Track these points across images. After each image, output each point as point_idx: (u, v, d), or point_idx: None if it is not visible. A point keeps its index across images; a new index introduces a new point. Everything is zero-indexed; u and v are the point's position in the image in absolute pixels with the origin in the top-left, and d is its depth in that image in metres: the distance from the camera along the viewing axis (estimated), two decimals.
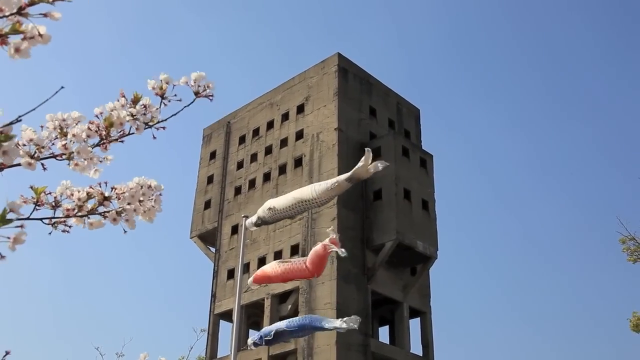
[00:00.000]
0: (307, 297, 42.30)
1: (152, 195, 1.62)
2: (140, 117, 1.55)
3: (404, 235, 43.23)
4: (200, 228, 51.56)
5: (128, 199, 1.58)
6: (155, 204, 1.62)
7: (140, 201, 1.59)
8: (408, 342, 44.04)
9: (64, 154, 1.58)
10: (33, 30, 1.44)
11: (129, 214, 1.58)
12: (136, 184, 1.59)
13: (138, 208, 1.59)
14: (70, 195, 1.57)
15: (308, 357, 40.37)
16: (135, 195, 1.58)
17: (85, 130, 1.50)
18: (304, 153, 47.45)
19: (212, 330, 46.99)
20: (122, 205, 1.59)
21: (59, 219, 1.56)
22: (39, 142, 1.51)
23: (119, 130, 1.56)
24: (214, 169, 53.19)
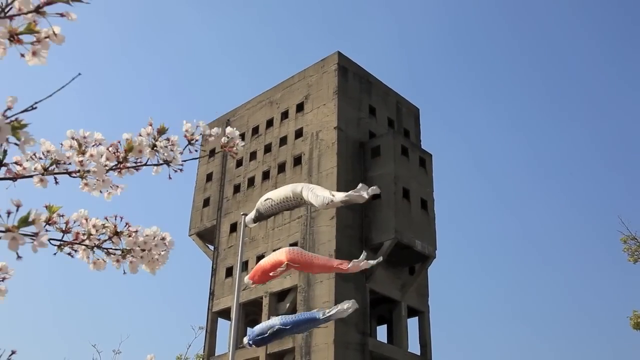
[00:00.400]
0: (306, 296, 42.32)
1: (163, 248, 1.62)
2: (163, 152, 1.56)
3: (403, 235, 43.26)
4: (199, 226, 51.56)
5: (140, 244, 1.58)
6: (161, 258, 1.62)
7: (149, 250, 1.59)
8: (406, 341, 44.08)
9: (78, 171, 1.59)
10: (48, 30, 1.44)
11: (136, 258, 1.58)
12: (152, 233, 1.59)
13: (146, 256, 1.59)
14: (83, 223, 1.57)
15: (306, 356, 40.40)
16: (148, 243, 1.59)
17: (105, 153, 1.51)
18: (303, 151, 47.45)
19: (210, 328, 47.01)
20: (131, 247, 1.59)
21: (67, 242, 1.57)
22: (59, 157, 1.52)
23: (137, 158, 1.57)
24: (213, 166, 53.19)
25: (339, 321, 40.44)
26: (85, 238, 1.57)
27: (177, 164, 1.62)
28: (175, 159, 1.61)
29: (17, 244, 1.46)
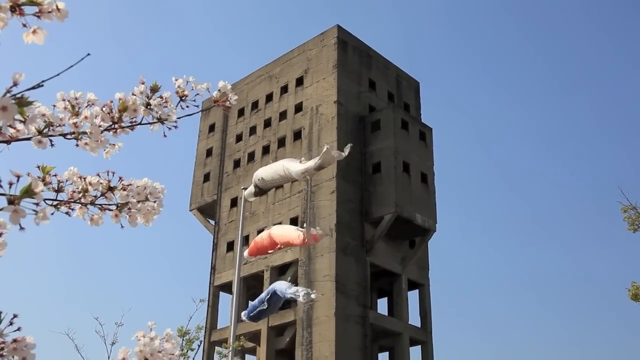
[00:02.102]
0: (306, 270, 42.56)
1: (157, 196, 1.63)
2: (157, 110, 1.56)
3: (403, 208, 43.36)
4: (199, 201, 51.66)
5: (134, 195, 1.59)
6: (156, 207, 1.63)
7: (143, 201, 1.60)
8: (406, 314, 44.42)
9: (73, 133, 1.60)
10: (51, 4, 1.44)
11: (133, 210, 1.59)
12: (144, 184, 1.60)
13: (142, 207, 1.60)
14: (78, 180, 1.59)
15: (307, 329, 40.74)
16: (141, 193, 1.60)
17: (100, 114, 1.52)
18: (303, 126, 47.36)
19: (212, 302, 47.34)
20: (126, 200, 1.60)
21: (63, 201, 1.58)
22: (53, 120, 1.53)
23: (132, 117, 1.58)
24: (213, 141, 53.13)
25: (339, 294, 40.75)
26: (80, 196, 1.58)
27: (172, 121, 1.63)
28: (169, 117, 1.62)
29: (19, 217, 1.47)
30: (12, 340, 1.45)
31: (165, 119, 1.62)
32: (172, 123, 1.63)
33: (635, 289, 12.46)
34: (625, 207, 12.70)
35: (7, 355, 1.45)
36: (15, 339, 1.45)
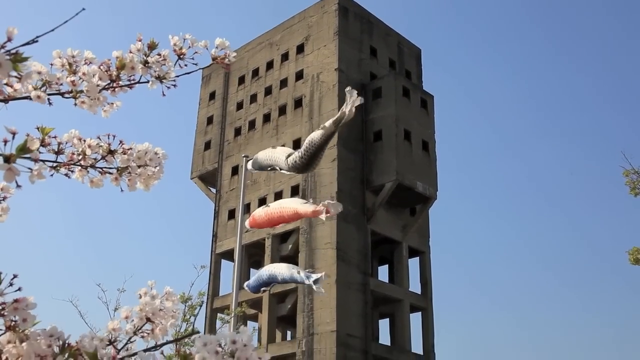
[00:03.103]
0: (308, 237, 42.74)
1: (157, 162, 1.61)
2: (155, 68, 1.54)
3: (404, 176, 43.37)
4: (200, 169, 51.67)
5: (135, 160, 1.57)
6: (156, 173, 1.61)
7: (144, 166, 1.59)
8: (407, 281, 44.73)
9: (71, 91, 1.58)
10: None
11: (133, 175, 1.58)
12: (145, 148, 1.58)
13: (143, 172, 1.59)
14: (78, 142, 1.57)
15: (308, 296, 41.06)
16: (142, 158, 1.58)
17: (97, 72, 1.49)
18: (304, 94, 47.13)
19: (213, 270, 47.65)
20: (127, 164, 1.58)
21: (63, 163, 1.57)
22: (50, 78, 1.50)
23: (130, 75, 1.55)
24: (214, 109, 52.93)
25: (340, 261, 41.00)
26: (80, 158, 1.57)
27: (171, 79, 1.60)
28: (168, 74, 1.59)
29: (14, 175, 1.46)
30: (12, 301, 1.45)
31: (163, 77, 1.59)
32: (170, 81, 1.61)
33: (636, 254, 12.49)
34: (627, 171, 12.64)
35: (8, 315, 1.45)
36: (16, 299, 1.45)
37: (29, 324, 1.43)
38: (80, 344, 1.35)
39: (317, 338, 39.89)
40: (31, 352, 1.38)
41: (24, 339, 1.42)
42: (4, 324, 1.44)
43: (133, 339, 1.57)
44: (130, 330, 1.57)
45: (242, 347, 1.09)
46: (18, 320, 1.43)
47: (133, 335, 1.58)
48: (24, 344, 1.41)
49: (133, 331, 1.57)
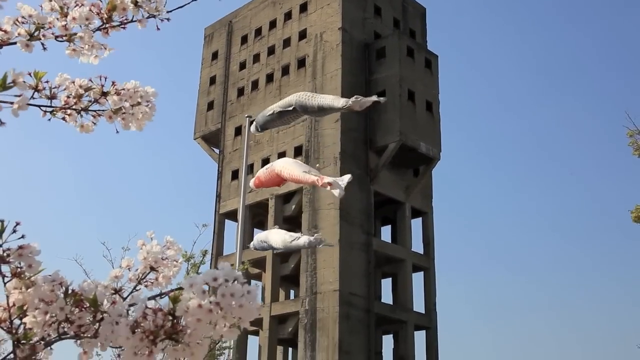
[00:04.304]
0: (311, 198, 42.87)
1: (149, 100, 1.60)
2: (144, 6, 1.52)
3: (407, 137, 43.27)
4: (203, 129, 51.58)
5: (126, 98, 1.56)
6: (149, 110, 1.61)
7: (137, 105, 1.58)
8: (410, 241, 45.00)
9: (64, 35, 1.56)
10: None
11: (127, 113, 1.57)
12: (133, 86, 1.57)
13: (136, 111, 1.58)
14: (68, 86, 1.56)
15: (311, 255, 41.35)
16: (133, 96, 1.57)
17: (87, 13, 1.47)
18: (307, 54, 46.74)
19: (217, 230, 47.93)
20: (120, 105, 1.57)
21: (58, 107, 1.56)
22: (41, 20, 1.49)
23: (122, 16, 1.54)
24: (216, 69, 52.58)
25: (344, 222, 41.20)
26: (74, 102, 1.56)
27: (163, 15, 1.58)
28: (158, 9, 1.58)
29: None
30: (17, 247, 1.47)
31: (154, 15, 1.57)
32: (164, 16, 1.59)
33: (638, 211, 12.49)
34: (631, 132, 12.55)
35: (13, 261, 1.47)
36: (21, 245, 1.47)
37: (34, 270, 1.45)
38: (82, 289, 1.38)
39: (320, 297, 40.32)
40: (36, 297, 1.41)
41: (30, 286, 1.45)
42: (10, 271, 1.47)
43: (138, 287, 1.59)
44: (134, 278, 1.60)
45: (223, 283, 1.10)
46: (23, 266, 1.45)
47: (137, 284, 1.61)
48: (30, 289, 1.44)
49: (137, 279, 1.60)
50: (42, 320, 1.37)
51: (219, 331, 1.10)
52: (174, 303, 1.16)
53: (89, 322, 1.32)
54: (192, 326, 1.10)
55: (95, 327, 1.33)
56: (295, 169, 15.11)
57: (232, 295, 1.08)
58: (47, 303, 1.36)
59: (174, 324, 1.14)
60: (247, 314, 1.08)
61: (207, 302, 1.07)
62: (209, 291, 1.10)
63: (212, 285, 1.10)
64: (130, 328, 1.20)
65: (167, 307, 1.17)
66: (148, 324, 1.17)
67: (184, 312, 1.12)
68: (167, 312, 1.16)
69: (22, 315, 1.44)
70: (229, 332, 1.09)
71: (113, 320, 1.26)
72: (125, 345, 1.20)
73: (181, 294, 1.13)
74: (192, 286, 1.11)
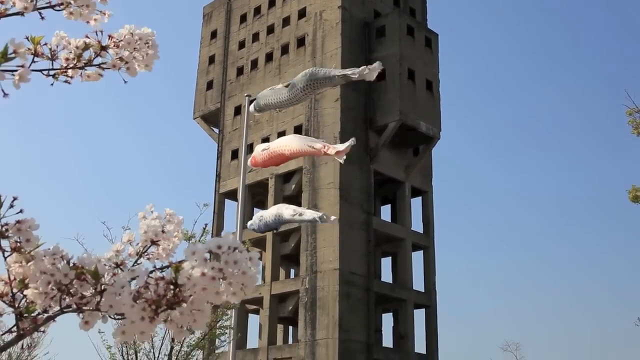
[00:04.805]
0: (311, 177, 42.89)
1: (148, 42, 1.58)
2: None
3: (407, 116, 43.19)
4: (203, 109, 51.45)
5: (125, 47, 1.55)
6: (151, 50, 1.59)
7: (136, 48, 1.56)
8: (409, 220, 45.11)
9: (61, 3, 1.55)
10: None
11: (129, 61, 1.55)
12: (128, 32, 1.55)
13: (137, 56, 1.56)
14: (67, 45, 1.55)
15: (311, 235, 41.49)
16: (131, 43, 1.56)
17: None
18: (306, 32, 46.48)
19: (217, 209, 48.01)
20: (120, 55, 1.56)
21: (59, 70, 1.55)
22: None
23: None
24: (215, 48, 52.32)
25: (343, 201, 41.26)
26: (75, 61, 1.55)
27: None
28: None
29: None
30: (15, 222, 1.47)
31: None
32: None
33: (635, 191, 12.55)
34: (630, 110, 12.55)
35: (12, 236, 1.47)
36: (19, 220, 1.47)
37: (32, 245, 1.45)
38: (81, 261, 1.38)
39: (320, 276, 40.51)
40: (37, 271, 1.41)
41: (29, 260, 1.45)
42: (9, 246, 1.47)
43: (140, 261, 1.59)
44: (134, 253, 1.60)
45: (227, 251, 1.10)
46: (22, 241, 1.45)
47: (139, 257, 1.61)
48: (30, 263, 1.44)
49: (138, 253, 1.60)
50: (44, 291, 1.37)
51: (221, 297, 1.10)
52: (176, 272, 1.16)
53: (90, 295, 1.32)
54: (195, 294, 1.11)
55: (96, 300, 1.33)
56: (297, 143, 15.09)
57: (235, 263, 1.08)
58: (48, 274, 1.36)
59: (175, 293, 1.14)
60: (250, 280, 1.08)
61: (210, 270, 1.07)
62: (210, 259, 1.10)
63: (216, 252, 1.10)
64: (133, 298, 1.20)
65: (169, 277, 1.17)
66: (150, 294, 1.17)
67: (186, 281, 1.12)
68: (169, 281, 1.16)
69: (23, 288, 1.44)
70: (232, 296, 1.09)
71: (116, 291, 1.26)
72: (129, 313, 1.20)
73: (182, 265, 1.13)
74: (194, 254, 1.11)
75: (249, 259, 1.10)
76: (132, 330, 1.19)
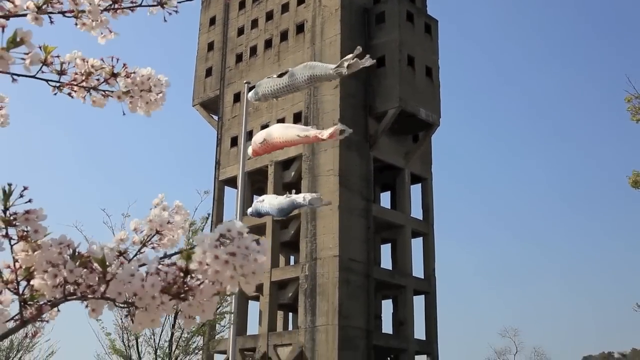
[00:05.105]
0: (310, 164, 42.90)
1: (160, 89, 1.60)
2: None
3: (407, 103, 43.12)
4: (202, 96, 51.34)
5: (138, 84, 1.57)
6: (159, 99, 1.61)
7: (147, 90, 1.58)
8: (409, 207, 45.16)
9: (72, 10, 1.56)
10: None
11: (135, 97, 1.58)
12: (148, 73, 1.57)
13: (145, 95, 1.58)
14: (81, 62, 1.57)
15: (311, 222, 41.56)
16: (145, 83, 1.58)
17: None
18: (305, 19, 46.29)
19: (217, 196, 48.05)
20: (129, 88, 1.58)
21: (66, 83, 1.57)
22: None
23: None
24: (214, 35, 52.12)
25: (343, 188, 41.30)
26: (83, 79, 1.57)
27: (172, 5, 1.59)
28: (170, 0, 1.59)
29: (7, 63, 1.45)
30: (24, 212, 1.48)
31: (165, 3, 1.58)
32: (172, 8, 1.59)
33: (635, 176, 12.57)
34: (629, 97, 12.50)
35: (20, 225, 1.48)
36: (28, 210, 1.48)
37: (40, 235, 1.46)
38: (90, 251, 1.39)
39: (320, 263, 40.62)
40: (43, 259, 1.42)
41: (36, 249, 1.46)
42: (16, 234, 1.47)
43: (143, 250, 1.60)
44: (138, 241, 1.61)
45: (237, 236, 1.11)
46: (30, 231, 1.46)
47: (142, 246, 1.62)
48: (37, 252, 1.45)
49: (142, 242, 1.61)
50: (52, 284, 1.38)
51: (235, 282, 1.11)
52: (187, 259, 1.17)
53: (97, 283, 1.33)
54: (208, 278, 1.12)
55: (102, 289, 1.35)
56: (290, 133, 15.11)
57: (247, 248, 1.09)
58: (55, 266, 1.38)
59: (185, 281, 1.15)
60: (260, 267, 1.09)
61: (223, 253, 1.08)
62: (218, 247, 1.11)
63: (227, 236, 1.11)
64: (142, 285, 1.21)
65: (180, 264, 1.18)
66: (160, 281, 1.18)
67: (198, 265, 1.13)
68: (179, 267, 1.17)
69: (28, 277, 1.45)
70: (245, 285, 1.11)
71: (124, 278, 1.28)
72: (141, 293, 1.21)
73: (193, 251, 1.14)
74: (204, 241, 1.12)
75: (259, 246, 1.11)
76: (146, 318, 1.20)
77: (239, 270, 1.08)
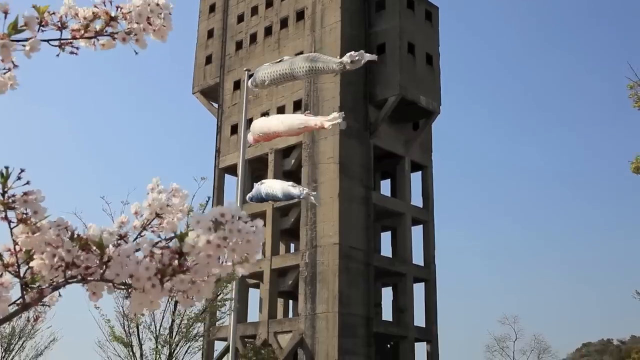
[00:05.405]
0: (310, 152, 42.86)
1: (161, 13, 1.57)
2: None
3: (407, 90, 43.03)
4: (202, 84, 51.21)
5: (136, 18, 1.54)
6: (165, 22, 1.58)
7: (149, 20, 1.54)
8: (409, 195, 45.18)
9: None
10: None
11: (139, 33, 1.54)
12: (142, 2, 1.53)
13: (147, 27, 1.55)
14: (75, 16, 1.53)
15: (311, 210, 41.57)
16: (142, 14, 1.54)
17: None
18: (306, 6, 46.09)
19: (217, 184, 48.06)
20: (130, 26, 1.55)
21: (67, 40, 1.54)
22: None
23: None
24: (214, 22, 51.91)
25: (343, 175, 41.31)
26: (83, 31, 1.54)
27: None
28: None
29: (8, 51, 1.44)
30: (22, 194, 1.48)
31: None
32: None
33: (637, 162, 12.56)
34: (631, 84, 12.46)
35: (18, 207, 1.49)
36: (26, 192, 1.48)
37: (39, 217, 1.47)
38: (88, 234, 1.39)
39: (320, 250, 40.69)
40: (42, 241, 1.43)
41: (35, 231, 1.47)
42: (15, 217, 1.48)
43: (143, 233, 1.61)
44: (138, 225, 1.61)
45: (230, 219, 1.12)
46: (29, 212, 1.47)
47: (142, 230, 1.62)
48: (36, 234, 1.46)
49: (142, 226, 1.61)
50: (50, 264, 1.39)
51: (227, 267, 1.12)
52: (181, 241, 1.17)
53: (96, 265, 1.34)
54: (201, 262, 1.13)
55: (101, 271, 1.36)
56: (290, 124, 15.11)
57: (239, 231, 1.09)
58: (54, 247, 1.38)
59: (180, 262, 1.16)
60: (253, 249, 1.10)
61: (215, 238, 1.09)
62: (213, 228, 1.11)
63: (220, 220, 1.12)
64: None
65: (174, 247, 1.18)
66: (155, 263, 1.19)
67: (191, 249, 1.14)
68: (174, 250, 1.18)
69: (28, 259, 1.46)
70: (238, 266, 1.11)
71: (122, 260, 1.28)
72: (138, 275, 1.22)
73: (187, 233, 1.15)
74: (198, 222, 1.13)
75: (253, 228, 1.12)
76: (144, 299, 1.21)
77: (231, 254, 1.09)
